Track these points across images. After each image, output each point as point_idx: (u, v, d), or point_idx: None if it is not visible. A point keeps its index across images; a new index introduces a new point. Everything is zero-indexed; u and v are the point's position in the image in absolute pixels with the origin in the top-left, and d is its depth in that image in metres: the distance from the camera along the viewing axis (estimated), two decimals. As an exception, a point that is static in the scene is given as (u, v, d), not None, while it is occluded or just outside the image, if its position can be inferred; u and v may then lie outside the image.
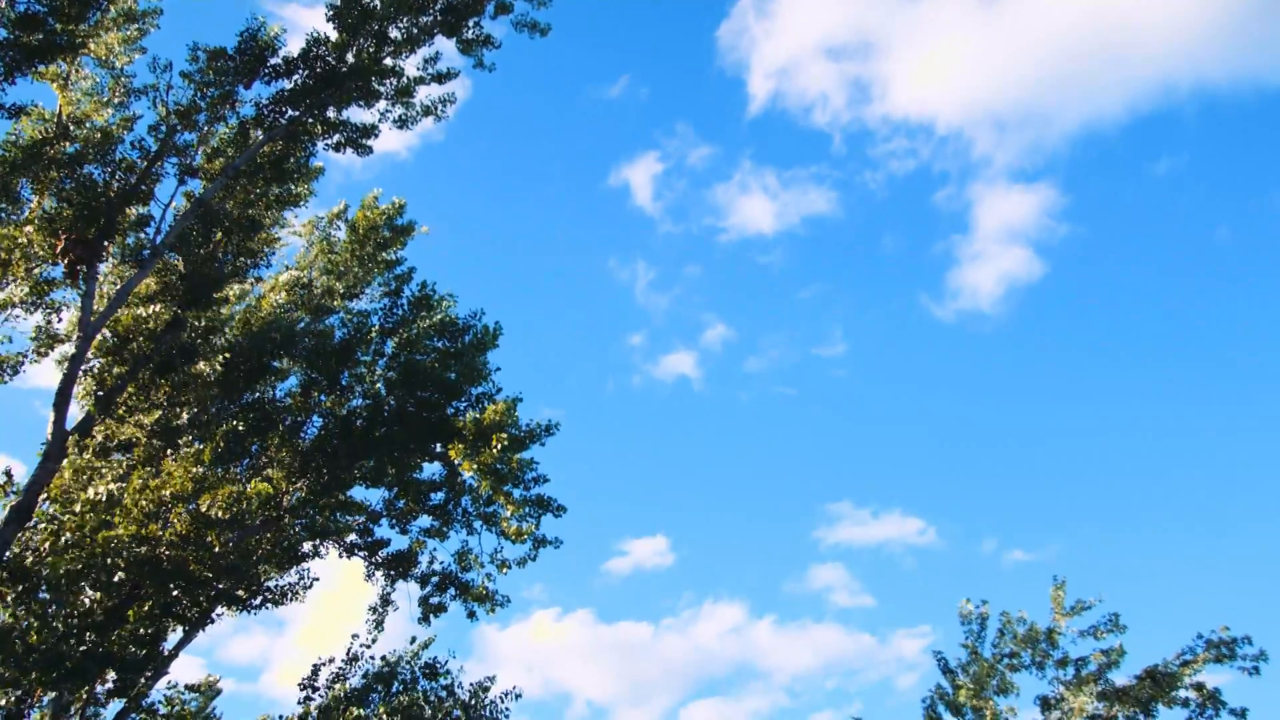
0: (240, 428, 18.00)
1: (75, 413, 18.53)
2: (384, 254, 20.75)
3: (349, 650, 21.33)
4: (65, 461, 15.63)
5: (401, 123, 19.86)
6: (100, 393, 18.37)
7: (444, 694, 19.93)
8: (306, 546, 21.40)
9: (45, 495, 15.19)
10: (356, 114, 19.38)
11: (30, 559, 15.01)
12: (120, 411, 18.85)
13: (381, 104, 19.46)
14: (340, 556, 22.22)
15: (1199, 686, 16.90)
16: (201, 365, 18.77)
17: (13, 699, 17.98)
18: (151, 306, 18.21)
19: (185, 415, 18.92)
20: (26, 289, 17.64)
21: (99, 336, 18.23)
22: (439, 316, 19.65)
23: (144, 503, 15.11)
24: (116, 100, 18.63)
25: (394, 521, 22.00)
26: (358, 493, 21.48)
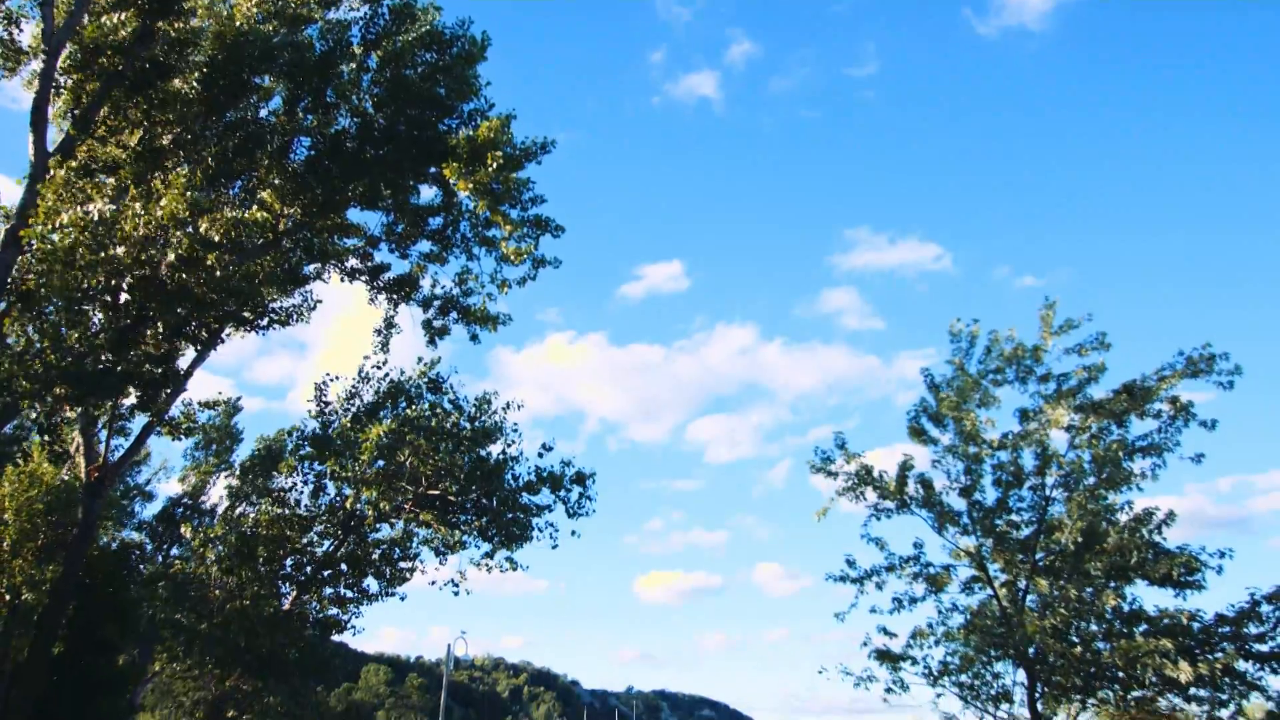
0: (227, 147, 17.46)
1: (57, 136, 18.00)
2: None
3: (360, 370, 22.18)
4: (51, 182, 15.30)
5: None
6: (76, 112, 17.70)
7: (449, 407, 20.95)
8: (308, 269, 21.58)
9: (34, 218, 15.00)
10: None
11: (34, 281, 15.12)
12: (101, 132, 18.27)
13: None
14: (342, 280, 22.52)
15: (1173, 400, 17.53)
16: (178, 83, 17.90)
17: (42, 413, 18.89)
18: (117, 15, 17.04)
19: (168, 136, 18.33)
20: (-24, -6, 16.44)
21: (66, 50, 17.27)
22: (424, 28, 18.43)
23: (142, 226, 14.97)
24: None
25: (393, 246, 22.04)
26: (355, 216, 21.34)
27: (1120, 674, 16.60)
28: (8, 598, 21.33)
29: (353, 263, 22.39)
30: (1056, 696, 17.75)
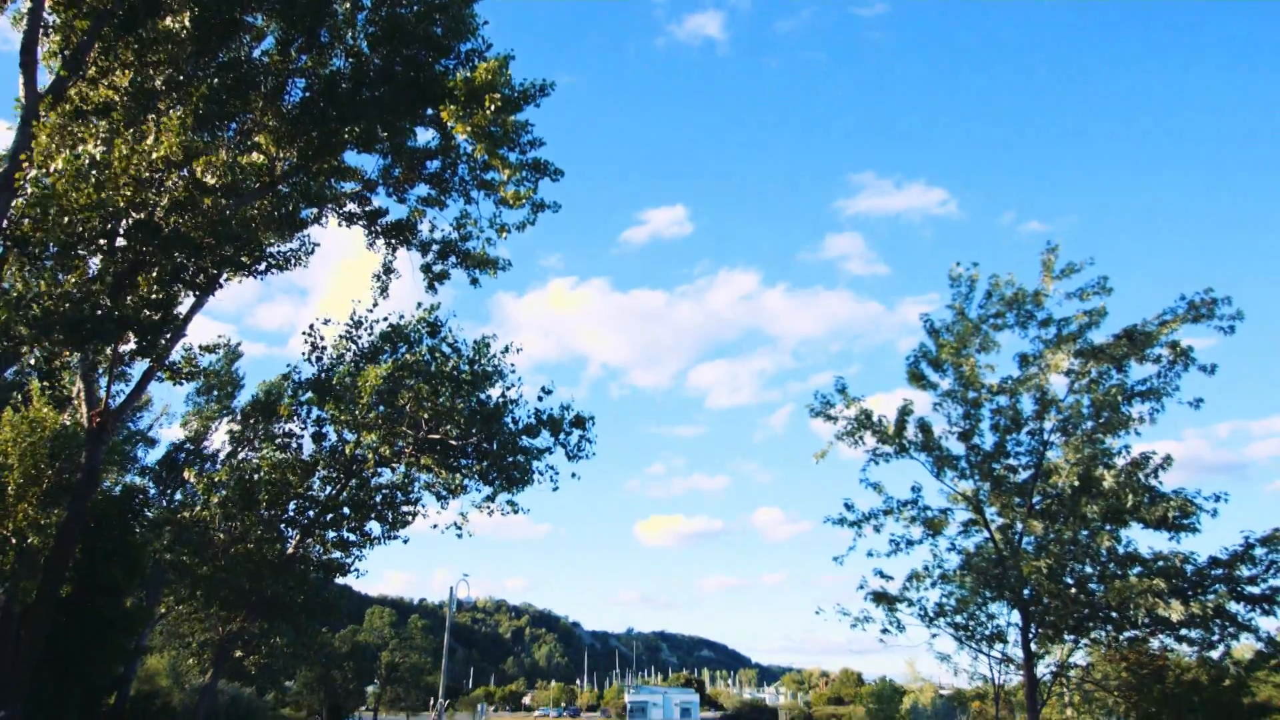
0: (217, 85, 17.19)
1: (48, 78, 17.73)
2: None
3: (352, 314, 22.14)
4: (43, 124, 15.10)
5: None
6: (66, 52, 17.40)
7: (448, 351, 20.96)
8: (306, 214, 21.41)
9: (28, 160, 14.84)
10: None
11: (29, 225, 15.00)
12: (92, 73, 17.98)
13: None
14: (340, 225, 22.34)
15: (1173, 344, 17.51)
16: (168, 21, 17.56)
17: (42, 359, 18.88)
18: (104, -48, 16.65)
19: (160, 78, 18.04)
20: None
21: (53, -12, 16.92)
22: (419, -36, 17.98)
23: (133, 168, 14.79)
24: None
25: (391, 190, 21.82)
26: (352, 160, 21.12)
27: (1113, 614, 16.84)
28: (14, 541, 21.54)
29: (350, 207, 22.19)
30: (1050, 637, 18.05)
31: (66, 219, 14.29)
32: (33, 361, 20.24)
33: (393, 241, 22.55)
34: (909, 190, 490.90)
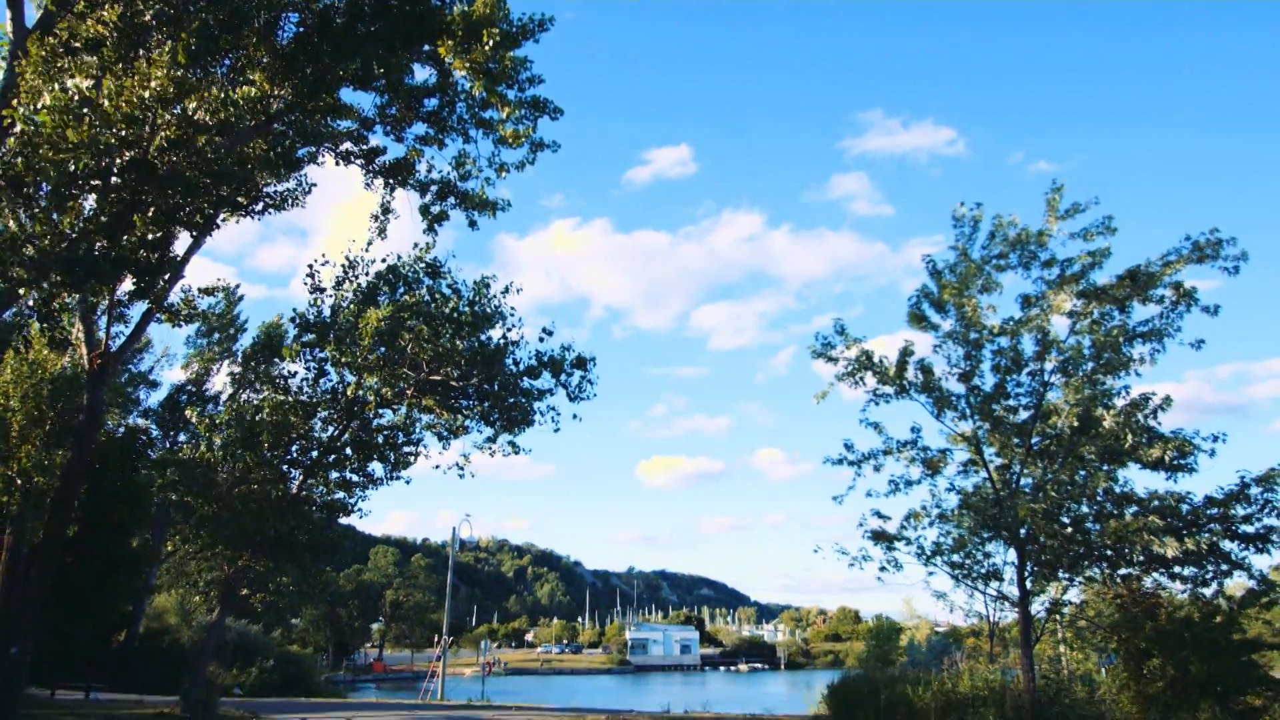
0: (209, 20, 16.83)
1: (36, 13, 17.38)
2: None
3: (346, 255, 22.01)
4: (28, 60, 14.83)
5: None
6: (54, -15, 17.00)
7: (449, 292, 20.87)
8: (302, 153, 21.14)
9: (18, 100, 14.61)
10: None
11: (22, 165, 14.82)
12: (80, 7, 17.59)
13: None
14: (337, 164, 22.05)
15: (1176, 285, 17.42)
16: (158, -47, 17.10)
17: (40, 300, 18.80)
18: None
19: (150, 12, 17.65)
20: None
21: (38, -82, 16.47)
22: (413, -107, 17.46)
23: (124, 104, 14.55)
24: None
25: (388, 129, 21.51)
26: (349, 98, 20.77)
27: (1109, 552, 17.03)
28: (19, 482, 21.69)
29: (347, 145, 21.88)
30: (1045, 575, 18.27)
31: (59, 157, 14.10)
32: (31, 303, 20.15)
33: (390, 181, 22.28)
34: (917, 129, 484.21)
